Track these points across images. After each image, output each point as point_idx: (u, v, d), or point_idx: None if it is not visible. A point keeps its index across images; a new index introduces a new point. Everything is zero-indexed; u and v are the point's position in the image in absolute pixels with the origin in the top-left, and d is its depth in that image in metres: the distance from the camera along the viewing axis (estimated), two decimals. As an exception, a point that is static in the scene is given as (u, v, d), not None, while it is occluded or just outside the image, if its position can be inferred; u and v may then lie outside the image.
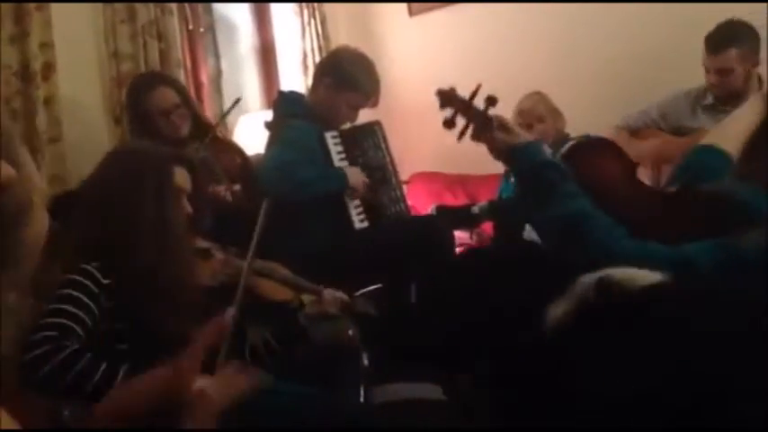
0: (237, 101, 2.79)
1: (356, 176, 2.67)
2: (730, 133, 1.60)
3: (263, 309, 1.92)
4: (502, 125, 1.62)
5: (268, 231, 1.65)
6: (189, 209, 1.73)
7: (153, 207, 1.61)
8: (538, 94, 3.32)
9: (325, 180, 2.62)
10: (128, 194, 1.62)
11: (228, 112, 2.83)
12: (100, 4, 2.90)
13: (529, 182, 1.54)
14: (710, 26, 2.91)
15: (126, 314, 1.54)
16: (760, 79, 2.89)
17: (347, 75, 2.71)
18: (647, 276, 0.91)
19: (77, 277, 1.51)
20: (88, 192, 1.72)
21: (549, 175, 1.51)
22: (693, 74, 2.99)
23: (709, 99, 2.94)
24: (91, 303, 1.49)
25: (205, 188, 2.43)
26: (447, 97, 1.70)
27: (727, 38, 2.82)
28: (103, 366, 1.38)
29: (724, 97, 2.88)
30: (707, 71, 2.90)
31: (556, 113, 3.31)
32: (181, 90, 2.71)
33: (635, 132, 3.11)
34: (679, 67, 3.16)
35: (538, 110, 3.27)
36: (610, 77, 3.64)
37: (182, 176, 1.72)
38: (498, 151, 1.62)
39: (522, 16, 3.87)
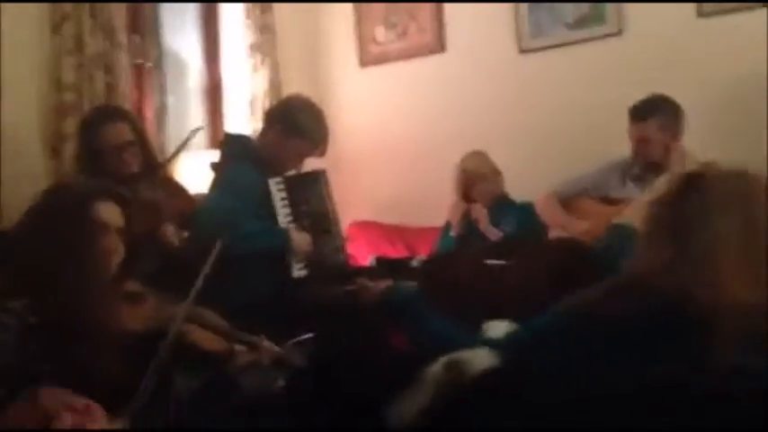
0: (197, 130, 2.77)
1: (301, 239, 2.67)
2: (639, 209, 1.73)
3: (194, 357, 1.88)
4: None
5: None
6: (119, 247, 1.69)
7: (70, 243, 1.58)
8: (480, 153, 3.42)
9: (268, 237, 2.61)
10: (48, 230, 1.59)
11: (183, 146, 2.80)
12: (47, 33, 2.85)
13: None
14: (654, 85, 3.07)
15: (52, 355, 1.48)
16: (685, 153, 3.02)
17: (297, 123, 2.73)
18: (483, 358, 1.01)
19: (3, 316, 1.46)
20: (17, 227, 1.69)
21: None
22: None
23: (636, 169, 3.06)
24: (18, 343, 1.44)
25: (152, 229, 2.38)
26: None
27: (648, 109, 2.99)
28: None
29: (647, 167, 3.00)
30: (630, 140, 3.04)
31: (496, 173, 3.41)
32: (136, 127, 2.66)
33: (567, 200, 3.20)
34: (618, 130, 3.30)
35: (482, 169, 3.37)
36: (551, 134, 3.77)
37: (109, 211, 1.68)
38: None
39: (470, 73, 3.98)
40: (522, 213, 3.32)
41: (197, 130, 2.82)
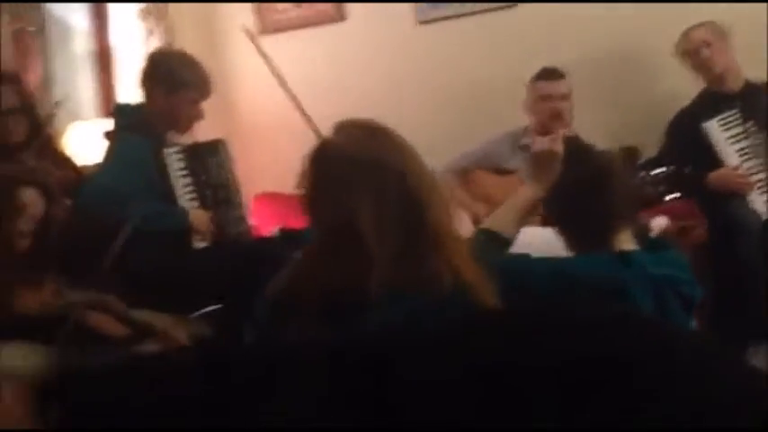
0: (57, 103, 2.70)
1: (200, 217, 2.60)
2: (498, 216, 1.76)
3: (94, 342, 1.81)
4: None
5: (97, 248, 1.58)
6: (29, 233, 1.63)
7: None
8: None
9: (161, 218, 2.54)
10: None
11: (51, 115, 2.67)
12: None
13: None
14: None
15: None
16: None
17: (173, 75, 2.65)
18: None
19: None
20: None
21: None
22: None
23: (527, 139, 3.15)
24: None
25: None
26: None
27: (560, 71, 3.15)
28: None
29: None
30: (536, 102, 3.13)
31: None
32: (21, 93, 2.52)
33: (462, 173, 3.27)
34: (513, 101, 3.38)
35: None
36: (447, 105, 3.82)
37: (31, 197, 1.67)
38: None
39: (368, 43, 3.97)
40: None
41: (58, 102, 2.69)
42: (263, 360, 0.90)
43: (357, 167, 1.25)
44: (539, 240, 1.76)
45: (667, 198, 2.81)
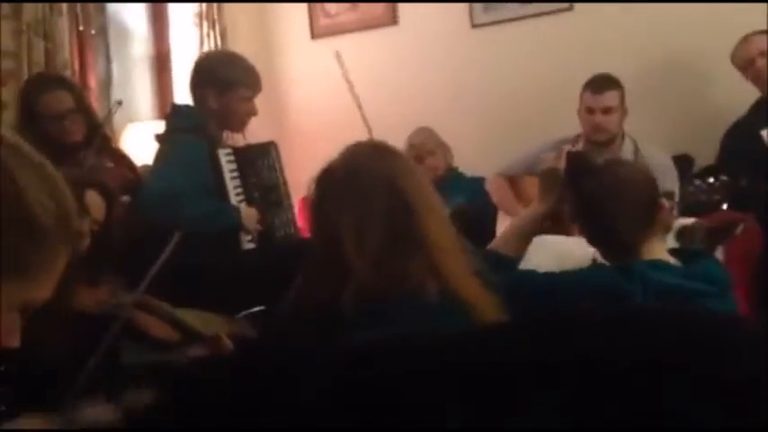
0: (119, 103, 2.75)
1: (250, 217, 2.64)
2: (505, 235, 1.80)
3: (142, 342, 1.86)
4: None
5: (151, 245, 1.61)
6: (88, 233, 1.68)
7: None
8: (426, 129, 3.44)
9: (216, 217, 2.58)
10: None
11: (110, 114, 2.75)
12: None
13: None
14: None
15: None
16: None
17: (224, 76, 2.68)
18: None
19: None
20: None
21: None
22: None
23: (578, 147, 3.09)
24: None
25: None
26: None
27: (609, 81, 3.06)
28: None
29: (592, 145, 3.05)
30: (585, 113, 3.07)
31: (444, 147, 3.44)
32: (78, 94, 2.61)
33: (513, 179, 3.24)
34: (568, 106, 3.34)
35: (428, 144, 3.39)
36: (502, 109, 3.80)
37: (92, 199, 1.75)
38: None
39: (422, 47, 3.97)
40: (472, 187, 3.34)
41: (119, 102, 2.77)
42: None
43: (343, 179, 1.27)
44: (552, 247, 1.78)
45: (723, 208, 2.73)
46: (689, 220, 2.47)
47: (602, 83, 3.06)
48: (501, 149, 3.35)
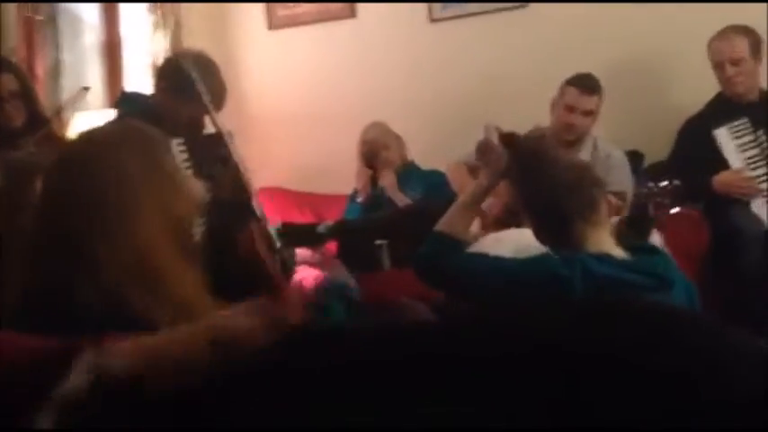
0: (86, 89, 2.70)
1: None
2: (451, 214, 1.82)
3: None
4: None
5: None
6: None
7: None
8: (379, 123, 3.46)
9: None
10: None
11: (71, 103, 2.69)
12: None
13: None
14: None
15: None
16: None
17: (187, 83, 2.60)
18: None
19: None
20: None
21: None
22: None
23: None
24: None
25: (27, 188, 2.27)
26: None
27: (596, 83, 3.02)
28: None
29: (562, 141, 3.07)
30: (562, 109, 3.03)
31: (399, 141, 3.44)
32: (22, 79, 2.53)
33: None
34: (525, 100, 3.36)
35: (382, 138, 3.40)
36: (459, 103, 3.81)
37: None
38: None
39: (380, 40, 3.96)
40: (428, 180, 3.35)
41: (86, 89, 2.69)
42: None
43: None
44: (509, 241, 1.81)
45: (673, 211, 2.77)
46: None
47: (591, 85, 3.01)
48: (456, 143, 3.35)
